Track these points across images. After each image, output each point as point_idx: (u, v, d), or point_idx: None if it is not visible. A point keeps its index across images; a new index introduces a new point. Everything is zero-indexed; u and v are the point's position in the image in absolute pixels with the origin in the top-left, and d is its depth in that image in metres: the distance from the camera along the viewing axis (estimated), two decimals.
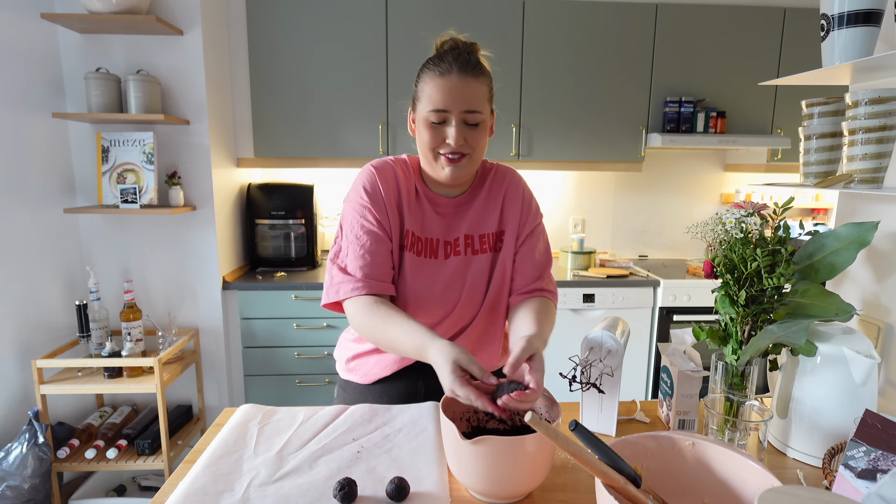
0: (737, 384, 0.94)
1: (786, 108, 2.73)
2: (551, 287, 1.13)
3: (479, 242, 1.11)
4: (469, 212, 1.11)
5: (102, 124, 2.22)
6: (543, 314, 1.02)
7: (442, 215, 1.10)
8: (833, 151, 1.15)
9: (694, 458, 0.72)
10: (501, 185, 1.13)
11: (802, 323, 0.87)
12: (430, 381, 1.11)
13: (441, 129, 0.99)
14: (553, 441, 0.62)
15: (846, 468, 0.71)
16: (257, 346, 2.43)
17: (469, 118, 0.98)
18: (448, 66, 0.97)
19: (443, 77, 0.97)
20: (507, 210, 1.12)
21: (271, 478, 0.84)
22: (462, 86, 0.97)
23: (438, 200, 1.09)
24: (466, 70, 0.98)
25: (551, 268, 1.16)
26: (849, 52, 1.02)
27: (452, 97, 0.97)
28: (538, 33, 2.57)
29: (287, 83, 2.52)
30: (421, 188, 1.09)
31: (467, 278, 1.10)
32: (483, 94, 1.00)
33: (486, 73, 1.02)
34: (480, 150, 1.03)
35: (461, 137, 0.98)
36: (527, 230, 1.12)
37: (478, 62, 1.01)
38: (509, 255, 1.11)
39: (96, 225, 2.28)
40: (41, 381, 1.95)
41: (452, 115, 0.97)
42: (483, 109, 1.00)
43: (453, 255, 1.10)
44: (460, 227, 1.10)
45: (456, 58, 0.98)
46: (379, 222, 1.03)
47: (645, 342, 2.63)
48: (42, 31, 2.06)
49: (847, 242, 0.93)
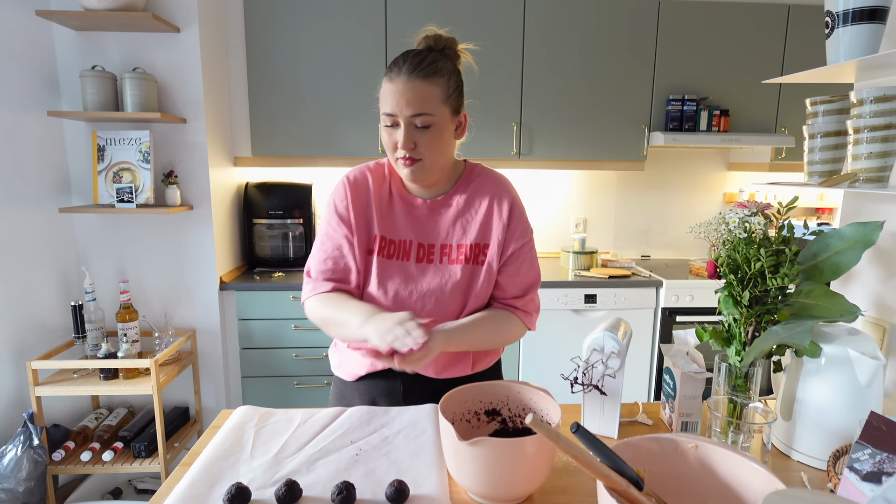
0: (740, 386, 0.94)
1: (790, 106, 2.73)
2: (529, 308, 1.12)
3: (455, 252, 1.09)
4: (445, 216, 1.10)
5: (98, 123, 2.22)
6: (488, 323, 1.06)
7: (416, 217, 1.10)
8: (838, 150, 1.15)
9: (697, 461, 0.72)
10: (484, 194, 1.10)
11: (807, 324, 0.86)
12: (408, 381, 1.13)
13: (394, 133, 0.99)
14: (554, 443, 0.62)
15: (851, 471, 0.70)
16: (255, 348, 2.43)
17: (418, 121, 0.97)
18: (398, 69, 0.97)
19: (391, 81, 0.98)
20: (491, 223, 1.09)
21: (269, 481, 0.84)
22: (408, 89, 0.96)
23: (414, 201, 1.10)
24: (415, 72, 0.96)
25: (537, 289, 1.14)
26: (854, 49, 1.02)
27: (398, 101, 0.97)
28: (539, 30, 2.57)
29: (285, 81, 2.52)
30: (396, 190, 1.10)
31: (444, 290, 1.08)
32: (434, 96, 0.98)
33: (443, 71, 0.99)
34: (436, 152, 1.01)
35: (410, 142, 0.98)
36: (512, 248, 1.09)
37: (432, 62, 0.98)
38: (492, 271, 1.09)
39: (92, 225, 2.28)
40: (36, 383, 1.95)
41: (400, 119, 0.98)
42: (434, 111, 0.98)
43: (426, 261, 1.09)
44: (436, 232, 1.09)
45: (407, 59, 0.97)
46: (343, 233, 1.08)
47: (647, 343, 2.63)
48: (37, 28, 2.06)
49: (852, 242, 0.92)
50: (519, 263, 1.10)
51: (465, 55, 1.06)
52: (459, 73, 1.05)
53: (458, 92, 1.03)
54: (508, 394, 0.93)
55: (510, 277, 1.10)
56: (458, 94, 1.04)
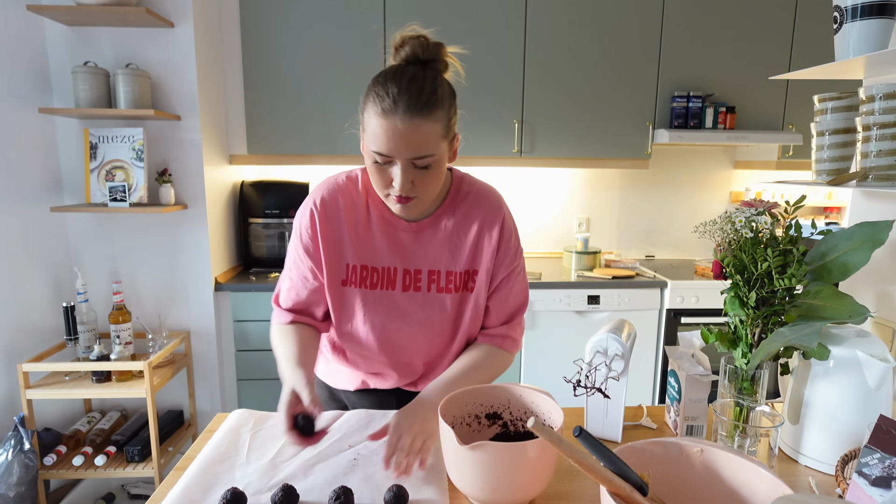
0: (747, 389, 0.94)
1: (798, 103, 2.73)
2: (516, 334, 1.11)
3: (444, 280, 1.04)
4: (433, 239, 1.04)
5: (90, 120, 2.22)
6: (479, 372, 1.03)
7: (399, 240, 1.03)
8: (846, 148, 1.15)
9: (702, 466, 0.72)
10: (474, 218, 1.04)
11: (815, 325, 0.87)
12: (403, 398, 1.12)
13: (387, 170, 0.91)
14: (556, 447, 0.62)
15: (860, 475, 0.71)
16: (251, 350, 2.43)
17: (418, 162, 0.89)
18: (392, 103, 0.85)
19: (386, 117, 0.86)
20: (482, 249, 1.04)
21: (265, 486, 0.84)
22: (409, 129, 0.86)
23: (397, 223, 1.03)
24: (414, 110, 0.85)
25: (524, 311, 1.13)
26: (863, 45, 1.02)
27: (396, 143, 0.87)
28: (541, 24, 2.57)
29: (281, 77, 2.52)
30: (377, 211, 1.03)
31: (434, 323, 1.05)
32: (436, 134, 0.89)
33: (443, 101, 0.90)
34: (434, 188, 0.95)
35: (408, 182, 0.90)
36: (503, 273, 1.06)
37: (432, 93, 0.88)
38: (482, 298, 1.06)
39: (84, 224, 2.28)
40: (27, 386, 1.94)
41: (398, 160, 0.89)
42: (435, 150, 0.89)
43: (413, 289, 1.03)
44: (422, 257, 1.03)
45: (403, 90, 0.86)
46: (309, 265, 1.04)
47: (652, 345, 2.63)
48: (28, 23, 2.06)
49: (861, 242, 0.92)
50: (508, 289, 1.08)
51: (453, 61, 0.96)
52: (454, 92, 0.95)
53: (454, 116, 0.95)
54: (510, 397, 0.93)
55: (499, 304, 1.08)
56: (454, 118, 0.95)
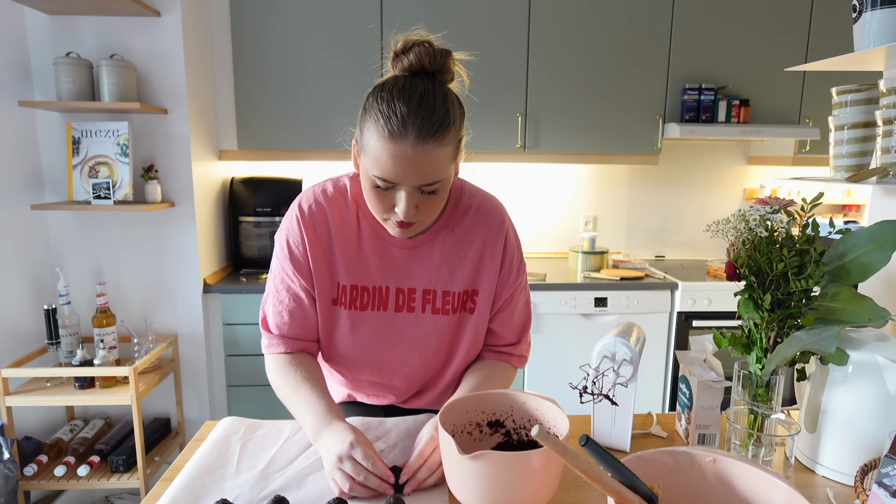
0: (761, 395, 0.94)
1: (815, 95, 2.73)
2: (524, 351, 1.11)
3: (441, 300, 1.02)
4: (429, 257, 1.01)
5: (73, 113, 2.22)
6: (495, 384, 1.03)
7: (392, 257, 1.01)
8: (866, 143, 1.15)
9: (715, 476, 0.72)
10: (477, 234, 1.02)
11: (832, 329, 0.86)
12: (393, 413, 1.12)
13: (388, 195, 0.87)
14: (562, 457, 0.62)
15: (880, 486, 0.70)
16: (241, 354, 2.43)
17: (426, 188, 0.86)
18: (400, 126, 0.81)
19: (394, 142, 0.81)
20: (483, 269, 1.02)
21: (256, 497, 0.84)
22: (419, 156, 0.82)
23: (392, 239, 1.01)
24: (427, 135, 0.81)
25: (530, 328, 1.13)
26: (883, 34, 1.02)
27: (405, 171, 0.83)
28: (546, 13, 2.57)
29: (273, 69, 2.52)
30: (368, 226, 1.01)
31: (428, 346, 1.04)
32: (446, 157, 0.85)
33: (454, 123, 0.85)
34: (437, 211, 0.93)
35: (412, 209, 0.87)
36: (507, 293, 1.05)
37: (444, 114, 0.83)
38: (484, 319, 1.05)
39: (66, 223, 2.28)
40: (6, 392, 1.94)
41: (403, 185, 0.85)
42: (445, 175, 0.87)
43: (407, 310, 1.02)
44: (418, 276, 1.01)
45: (413, 113, 0.81)
46: (301, 283, 1.01)
47: (662, 350, 2.63)
48: (7, 11, 2.06)
49: (881, 242, 0.92)
50: (512, 308, 1.07)
51: (459, 70, 0.93)
52: (463, 109, 0.91)
53: (464, 136, 0.92)
54: (513, 404, 0.93)
55: (504, 323, 1.08)
56: (464, 138, 0.92)
